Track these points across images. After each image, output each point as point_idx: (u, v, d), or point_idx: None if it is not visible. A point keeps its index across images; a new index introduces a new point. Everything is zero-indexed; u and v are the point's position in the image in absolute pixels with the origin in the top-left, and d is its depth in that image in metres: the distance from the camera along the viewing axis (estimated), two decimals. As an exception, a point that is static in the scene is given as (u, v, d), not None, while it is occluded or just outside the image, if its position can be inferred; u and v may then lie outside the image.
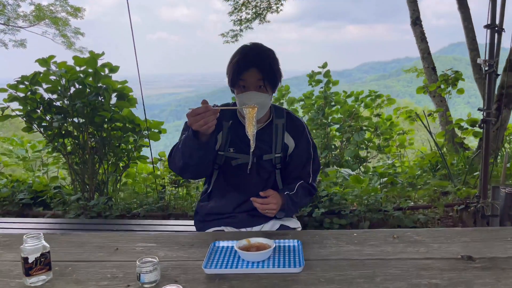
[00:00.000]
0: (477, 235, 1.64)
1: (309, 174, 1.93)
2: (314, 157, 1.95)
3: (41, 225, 2.62)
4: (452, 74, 6.12)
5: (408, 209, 3.47)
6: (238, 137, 1.85)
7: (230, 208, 1.91)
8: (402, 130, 6.59)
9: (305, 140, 1.92)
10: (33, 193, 3.95)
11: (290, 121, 1.92)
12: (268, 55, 1.74)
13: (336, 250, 1.53)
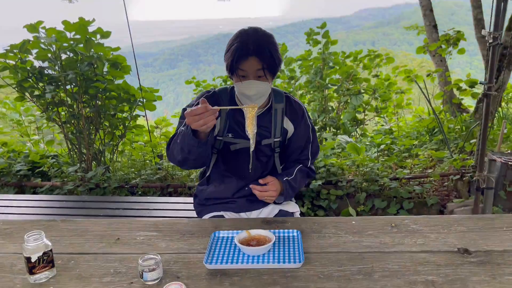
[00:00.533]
0: (474, 224, 1.66)
1: (307, 158, 1.94)
2: (313, 140, 1.94)
3: (40, 203, 2.62)
4: (454, 34, 5.98)
5: (404, 179, 3.50)
6: (236, 122, 1.82)
7: (230, 193, 1.92)
8: (400, 89, 6.54)
9: (304, 124, 1.90)
10: (30, 163, 3.94)
11: (289, 106, 1.89)
12: (268, 42, 1.66)
13: (335, 241, 1.56)
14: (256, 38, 1.65)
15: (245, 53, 1.62)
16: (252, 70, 1.65)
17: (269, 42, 1.66)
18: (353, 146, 3.67)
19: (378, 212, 3.43)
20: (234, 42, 1.66)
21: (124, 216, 2.37)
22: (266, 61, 1.64)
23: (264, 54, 1.63)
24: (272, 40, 1.68)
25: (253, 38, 1.64)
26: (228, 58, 1.66)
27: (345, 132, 5.61)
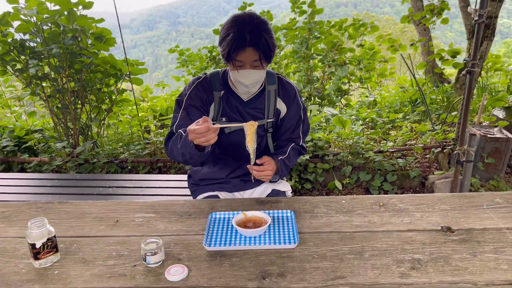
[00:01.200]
0: (456, 202, 1.77)
1: (299, 136, 1.99)
2: (304, 119, 1.99)
3: (32, 182, 2.61)
4: (438, 4, 5.99)
5: (388, 152, 3.61)
6: (230, 107, 1.85)
7: (224, 174, 1.97)
8: (383, 57, 6.59)
9: (296, 104, 1.94)
10: (16, 139, 3.88)
11: (282, 86, 1.92)
12: (263, 30, 1.65)
13: (327, 221, 1.64)
14: (253, 27, 1.63)
15: (242, 44, 1.61)
16: (249, 61, 1.66)
17: (265, 30, 1.65)
18: (339, 119, 3.74)
19: (362, 184, 3.55)
20: (230, 31, 1.64)
21: (118, 195, 2.40)
22: (263, 50, 1.64)
23: (260, 44, 1.62)
24: (267, 27, 1.67)
25: (250, 27, 1.62)
26: (225, 48, 1.65)
27: (330, 103, 5.67)
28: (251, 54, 1.64)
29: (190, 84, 1.86)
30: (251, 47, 1.62)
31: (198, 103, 1.82)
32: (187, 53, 6.29)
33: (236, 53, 1.63)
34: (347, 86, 5.91)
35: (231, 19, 1.67)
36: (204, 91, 1.84)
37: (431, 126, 3.96)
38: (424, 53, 7.11)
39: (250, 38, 1.61)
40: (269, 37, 1.66)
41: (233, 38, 1.61)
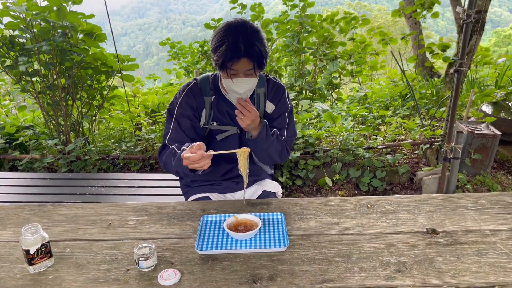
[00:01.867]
0: (441, 203, 1.82)
1: (283, 135, 1.97)
2: (289, 123, 1.97)
3: (24, 181, 2.61)
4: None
5: (377, 148, 3.66)
6: (220, 111, 1.87)
7: (216, 176, 2.00)
8: (374, 50, 6.62)
9: (283, 104, 1.95)
10: (7, 136, 3.85)
11: (271, 88, 1.94)
12: (257, 39, 1.67)
13: (316, 223, 1.68)
14: (246, 37, 1.64)
15: (237, 55, 1.63)
16: (243, 70, 1.68)
17: (258, 39, 1.67)
18: (330, 115, 3.77)
19: (352, 180, 3.61)
20: (224, 40, 1.64)
21: (110, 195, 2.41)
22: (257, 60, 1.66)
23: (254, 53, 1.64)
24: (260, 36, 1.69)
25: (243, 37, 1.63)
26: (219, 58, 1.65)
27: (321, 97, 5.70)
28: (246, 64, 1.66)
29: (181, 92, 1.87)
30: (246, 57, 1.64)
31: (189, 111, 1.84)
32: (179, 45, 6.26)
33: (231, 63, 1.65)
34: (338, 80, 5.94)
35: (224, 27, 1.68)
36: (194, 98, 1.85)
37: (420, 121, 4.02)
38: (415, 47, 7.16)
39: (244, 48, 1.62)
40: (262, 46, 1.68)
41: (227, 48, 1.62)
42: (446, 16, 73.69)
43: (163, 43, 6.22)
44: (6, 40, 3.39)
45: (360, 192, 3.52)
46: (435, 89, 5.38)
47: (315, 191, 3.56)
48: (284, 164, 3.54)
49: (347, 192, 3.50)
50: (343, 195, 3.50)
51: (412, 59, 6.61)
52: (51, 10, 3.32)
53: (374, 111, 4.16)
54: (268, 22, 6.05)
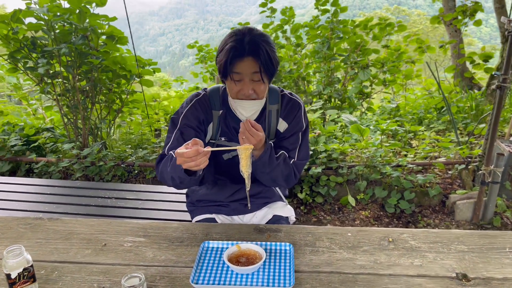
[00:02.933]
0: (475, 242, 1.59)
1: (294, 157, 1.76)
2: (302, 144, 1.77)
3: (32, 188, 2.56)
4: (471, 5, 5.67)
5: (406, 167, 3.41)
6: (228, 128, 1.71)
7: (222, 197, 1.85)
8: (410, 58, 6.31)
9: (297, 122, 1.75)
10: (26, 137, 3.86)
11: (285, 105, 1.75)
12: (264, 41, 1.52)
13: (328, 258, 1.49)
14: (252, 37, 1.51)
15: (240, 53, 1.48)
16: (248, 72, 1.52)
17: (265, 41, 1.53)
18: (357, 127, 3.55)
19: (378, 200, 3.37)
20: (228, 42, 1.52)
21: (116, 207, 2.31)
22: (263, 61, 1.50)
23: (260, 53, 1.49)
24: (268, 40, 1.55)
25: (249, 37, 1.51)
26: (222, 59, 1.51)
27: (350, 106, 5.46)
28: (250, 64, 1.51)
29: (188, 101, 1.73)
30: (250, 56, 1.49)
31: (194, 123, 1.68)
32: (206, 49, 6.18)
33: (234, 63, 1.50)
34: (369, 89, 5.68)
35: (229, 33, 1.57)
36: (202, 110, 1.70)
37: (456, 138, 3.73)
38: (454, 56, 6.79)
39: (249, 46, 1.49)
40: (270, 49, 1.53)
41: (231, 47, 1.49)
42: (490, 22, 70.90)
43: (191, 46, 6.16)
44: (28, 42, 3.38)
45: (385, 213, 3.28)
46: (474, 103, 5.04)
47: (337, 210, 3.35)
48: (304, 179, 3.35)
49: (371, 213, 3.27)
50: (367, 216, 3.27)
51: (451, 69, 6.25)
52: (73, 12, 3.28)
53: (406, 125, 3.90)
54: (298, 27, 5.88)
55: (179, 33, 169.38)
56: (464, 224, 3.08)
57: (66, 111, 3.78)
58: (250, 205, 1.88)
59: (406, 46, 6.38)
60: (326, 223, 3.24)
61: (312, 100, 5.57)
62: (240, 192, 1.84)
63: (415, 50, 6.38)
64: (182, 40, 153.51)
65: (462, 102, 5.10)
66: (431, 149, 3.52)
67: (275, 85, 1.80)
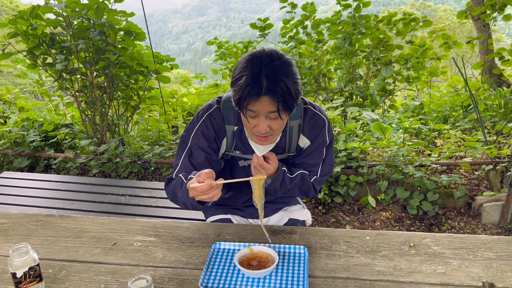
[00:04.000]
0: (503, 248, 1.49)
1: (316, 173, 1.70)
2: (326, 158, 1.68)
3: (48, 184, 2.57)
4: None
5: (430, 166, 3.28)
6: (244, 143, 1.62)
7: (238, 202, 1.80)
8: (435, 55, 6.10)
9: (320, 139, 1.64)
10: (44, 133, 3.90)
11: (308, 121, 1.62)
12: (286, 73, 1.33)
13: (345, 263, 1.42)
14: (270, 70, 1.31)
15: (257, 93, 1.31)
16: (264, 111, 1.37)
17: (287, 74, 1.33)
18: (379, 125, 3.43)
19: (399, 201, 3.25)
20: (244, 73, 1.32)
21: (129, 205, 2.29)
22: (282, 99, 1.32)
23: (278, 91, 1.31)
24: (291, 70, 1.34)
25: (268, 70, 1.31)
26: (236, 93, 1.35)
27: (372, 103, 5.32)
28: (267, 104, 1.34)
29: (199, 117, 1.61)
30: (268, 95, 1.32)
31: (204, 143, 1.58)
32: (226, 45, 6.12)
33: (247, 101, 1.34)
34: (392, 86, 5.51)
35: (246, 58, 1.36)
36: (213, 127, 1.59)
37: (483, 137, 3.57)
38: (482, 52, 6.53)
39: (267, 83, 1.30)
40: (291, 83, 1.33)
41: (246, 83, 1.31)
42: (520, 18, 68.45)
43: (211, 42, 6.12)
44: (46, 38, 3.39)
45: (407, 215, 3.16)
46: (503, 100, 4.82)
47: (356, 210, 3.24)
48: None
49: (392, 214, 3.16)
50: (387, 217, 3.16)
51: (479, 65, 6.02)
52: (91, 7, 3.28)
53: (430, 123, 3.75)
54: (319, 22, 5.76)
55: (202, 31, 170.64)
56: (491, 228, 2.93)
57: (84, 107, 3.80)
58: (266, 211, 1.82)
59: (431, 42, 6.18)
60: (345, 224, 3.14)
61: (333, 97, 5.46)
62: None
63: (440, 46, 6.17)
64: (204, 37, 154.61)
65: (490, 99, 4.90)
66: (456, 149, 3.37)
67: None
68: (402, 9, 23.24)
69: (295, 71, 1.37)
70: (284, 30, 5.82)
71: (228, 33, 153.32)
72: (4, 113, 4.51)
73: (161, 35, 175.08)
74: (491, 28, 6.20)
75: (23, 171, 3.76)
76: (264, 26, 5.71)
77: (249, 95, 1.32)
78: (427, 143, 3.88)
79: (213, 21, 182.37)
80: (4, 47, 3.30)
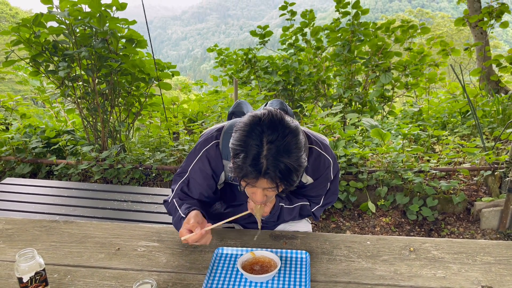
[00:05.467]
0: (502, 253, 1.51)
1: (318, 203, 1.70)
2: (330, 188, 1.67)
3: (48, 190, 2.59)
4: (497, 6, 5.50)
5: (429, 172, 3.30)
6: None
7: (240, 219, 1.81)
8: (433, 61, 6.15)
9: (324, 178, 1.61)
10: (46, 139, 3.92)
11: (313, 162, 1.55)
12: (287, 151, 1.24)
13: (346, 267, 1.44)
14: (273, 150, 1.22)
15: (255, 176, 1.25)
16: (261, 187, 1.33)
17: (289, 152, 1.24)
18: (378, 132, 3.46)
19: (399, 207, 3.27)
20: (243, 149, 1.24)
21: (131, 211, 2.31)
22: (281, 180, 1.27)
23: (278, 173, 1.24)
24: (294, 146, 1.25)
25: (268, 150, 1.22)
26: (234, 170, 1.30)
27: (371, 110, 5.36)
28: (265, 183, 1.29)
29: (197, 151, 1.60)
30: (266, 178, 1.26)
31: (201, 179, 1.60)
32: (226, 52, 6.17)
33: (246, 182, 1.31)
34: (391, 93, 5.56)
35: (248, 126, 1.26)
36: (211, 166, 1.59)
37: (481, 143, 3.60)
38: (480, 58, 6.59)
39: (266, 166, 1.23)
40: (293, 161, 1.25)
41: (244, 164, 1.24)
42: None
43: (211, 49, 6.16)
44: (49, 45, 3.43)
45: (407, 220, 3.18)
46: (501, 107, 4.86)
47: (356, 216, 3.26)
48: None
49: (392, 219, 3.17)
50: (387, 223, 3.17)
51: (476, 72, 6.07)
52: (94, 16, 3.32)
53: (429, 129, 3.78)
54: (318, 29, 5.82)
55: (201, 37, 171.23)
56: (490, 233, 2.95)
57: (86, 114, 3.83)
58: (266, 227, 1.85)
59: (429, 48, 6.23)
60: (345, 230, 3.16)
61: (332, 104, 5.50)
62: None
63: (438, 52, 6.23)
64: (203, 44, 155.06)
65: (488, 106, 4.94)
66: (455, 155, 3.40)
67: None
68: (400, 16, 23.38)
69: (300, 145, 1.27)
70: (284, 37, 5.88)
71: (227, 40, 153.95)
72: (6, 120, 4.54)
73: (161, 41, 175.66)
74: (488, 35, 6.26)
75: (25, 178, 3.78)
76: (264, 33, 5.76)
77: (246, 177, 1.27)
78: (426, 149, 3.91)
79: (212, 27, 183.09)
80: (8, 55, 3.34)
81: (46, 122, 4.27)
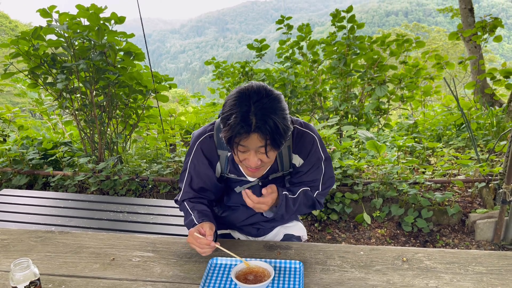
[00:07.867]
0: (493, 263, 1.52)
1: (318, 187, 1.73)
2: (325, 171, 1.72)
3: (44, 201, 2.60)
4: (490, 20, 5.59)
5: (424, 184, 3.32)
6: (237, 167, 1.67)
7: (236, 221, 1.84)
8: (429, 74, 6.22)
9: (314, 157, 1.67)
10: (43, 151, 3.94)
11: (298, 141, 1.65)
12: (274, 110, 1.37)
13: (339, 277, 1.45)
14: (260, 107, 1.35)
15: (246, 130, 1.35)
16: (253, 146, 1.42)
17: (275, 110, 1.37)
18: (373, 144, 3.49)
19: (394, 218, 3.29)
20: (233, 111, 1.37)
21: (127, 222, 2.32)
22: (271, 135, 1.37)
23: (267, 128, 1.35)
24: (279, 106, 1.39)
25: (256, 108, 1.35)
26: (226, 133, 1.40)
27: (367, 122, 5.40)
28: (256, 140, 1.39)
29: (192, 145, 1.71)
30: (256, 132, 1.36)
31: (201, 170, 1.69)
32: (223, 65, 6.23)
33: (239, 138, 1.39)
34: (387, 105, 5.61)
35: (235, 95, 1.41)
36: (206, 155, 1.66)
37: (475, 155, 3.63)
38: (474, 72, 6.67)
39: (255, 120, 1.35)
40: (280, 119, 1.37)
41: (235, 123, 1.35)
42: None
43: (208, 62, 6.22)
44: (48, 58, 3.47)
45: (402, 232, 3.19)
46: (495, 119, 4.91)
47: (352, 227, 3.27)
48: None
49: (387, 231, 3.19)
50: (383, 234, 3.18)
51: (471, 85, 6.14)
52: (92, 29, 3.37)
53: (424, 141, 3.82)
54: (314, 43, 5.89)
55: (199, 51, 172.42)
56: (485, 244, 2.96)
57: (83, 126, 3.86)
58: (263, 230, 1.87)
59: (424, 62, 6.32)
60: (340, 241, 3.17)
61: (329, 116, 5.54)
62: (254, 217, 1.82)
63: (433, 66, 6.31)
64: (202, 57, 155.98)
65: (482, 118, 4.99)
66: (450, 166, 3.43)
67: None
68: (396, 30, 23.68)
69: (284, 107, 1.41)
70: (281, 51, 5.95)
71: (225, 53, 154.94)
72: (4, 132, 4.56)
73: (159, 54, 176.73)
74: (482, 48, 6.35)
75: (22, 189, 3.78)
76: (260, 46, 5.83)
77: (239, 134, 1.36)
78: (421, 161, 3.94)
79: (210, 41, 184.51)
80: (6, 67, 3.37)
81: (43, 134, 4.28)
